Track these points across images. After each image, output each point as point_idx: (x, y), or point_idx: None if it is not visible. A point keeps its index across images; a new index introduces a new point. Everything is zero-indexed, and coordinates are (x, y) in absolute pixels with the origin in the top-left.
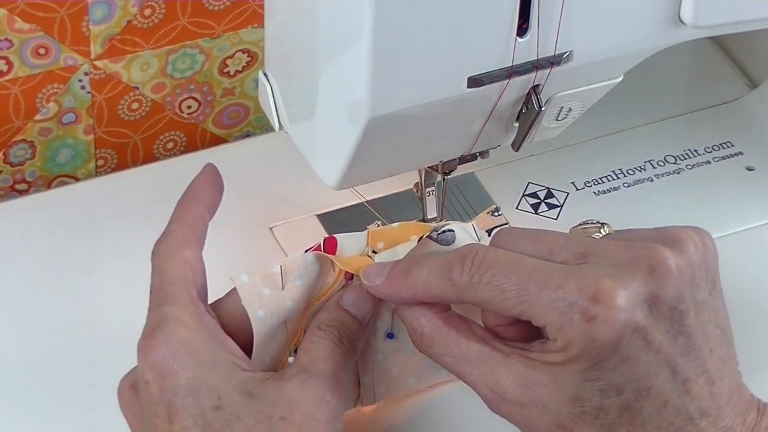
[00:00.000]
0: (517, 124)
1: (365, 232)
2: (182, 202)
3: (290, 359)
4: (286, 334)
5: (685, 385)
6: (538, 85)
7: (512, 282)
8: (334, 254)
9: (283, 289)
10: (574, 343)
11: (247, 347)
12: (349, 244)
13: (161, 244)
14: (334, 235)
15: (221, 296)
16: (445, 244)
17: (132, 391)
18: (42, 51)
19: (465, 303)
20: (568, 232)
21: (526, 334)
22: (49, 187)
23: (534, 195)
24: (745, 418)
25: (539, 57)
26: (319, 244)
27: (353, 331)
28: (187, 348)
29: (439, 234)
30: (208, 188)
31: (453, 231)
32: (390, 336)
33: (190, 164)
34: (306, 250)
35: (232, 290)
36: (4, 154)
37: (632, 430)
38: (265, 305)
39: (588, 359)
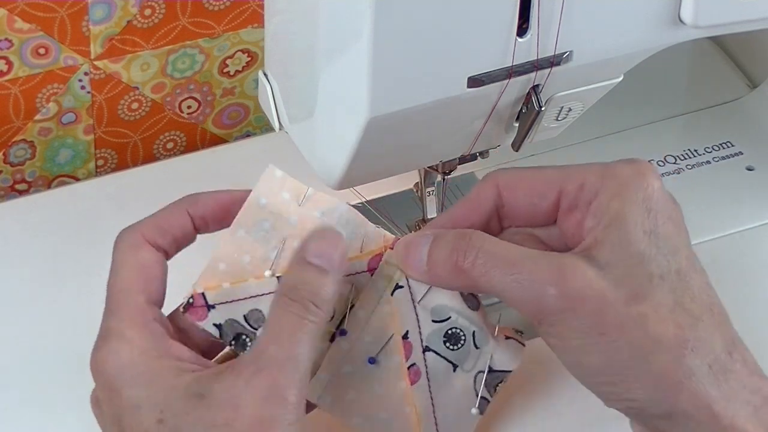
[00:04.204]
0: (517, 124)
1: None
2: (174, 202)
3: (267, 273)
4: (278, 251)
5: (702, 271)
6: (538, 85)
7: (550, 169)
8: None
9: (299, 206)
10: (622, 182)
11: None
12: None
13: (123, 234)
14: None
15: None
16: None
17: (96, 405)
18: (42, 51)
19: (502, 191)
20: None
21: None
22: (49, 187)
23: None
24: None
25: (539, 57)
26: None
27: (323, 294)
28: (127, 364)
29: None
30: (211, 204)
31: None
32: (371, 361)
33: (190, 164)
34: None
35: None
36: (4, 154)
37: (691, 298)
38: (270, 205)
39: (639, 198)
